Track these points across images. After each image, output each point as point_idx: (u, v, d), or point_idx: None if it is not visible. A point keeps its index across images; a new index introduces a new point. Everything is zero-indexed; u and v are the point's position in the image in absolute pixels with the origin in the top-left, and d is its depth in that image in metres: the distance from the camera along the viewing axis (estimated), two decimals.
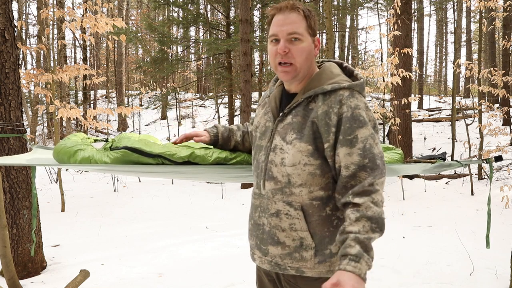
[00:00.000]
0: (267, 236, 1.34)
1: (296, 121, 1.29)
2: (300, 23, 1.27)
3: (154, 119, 18.45)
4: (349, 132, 1.21)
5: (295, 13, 1.27)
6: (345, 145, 1.21)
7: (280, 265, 1.33)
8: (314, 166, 1.26)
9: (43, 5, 6.91)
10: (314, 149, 1.25)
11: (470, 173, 6.77)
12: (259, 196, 1.38)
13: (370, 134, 1.22)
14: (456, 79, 9.64)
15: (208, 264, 3.74)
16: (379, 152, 1.23)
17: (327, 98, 1.26)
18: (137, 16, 25.75)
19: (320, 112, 1.25)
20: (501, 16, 7.02)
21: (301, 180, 1.27)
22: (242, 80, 7.82)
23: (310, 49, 1.30)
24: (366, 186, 1.19)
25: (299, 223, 1.28)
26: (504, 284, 3.22)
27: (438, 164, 1.93)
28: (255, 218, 1.39)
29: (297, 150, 1.26)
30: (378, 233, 1.17)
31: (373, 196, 1.18)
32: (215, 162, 1.64)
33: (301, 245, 1.29)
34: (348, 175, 1.21)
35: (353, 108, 1.23)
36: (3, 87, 3.20)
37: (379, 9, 17.02)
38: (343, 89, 1.27)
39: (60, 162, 1.77)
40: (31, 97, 13.15)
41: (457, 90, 14.16)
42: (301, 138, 1.26)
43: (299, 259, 1.29)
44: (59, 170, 6.10)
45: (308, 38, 1.29)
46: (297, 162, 1.26)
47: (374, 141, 1.23)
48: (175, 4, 11.64)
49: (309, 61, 1.31)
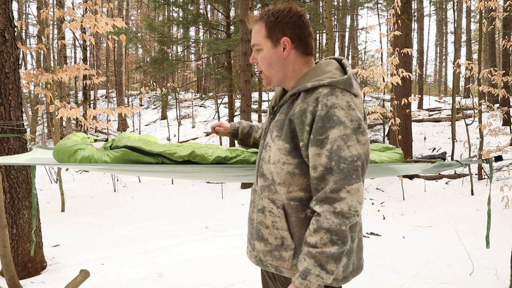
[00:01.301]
0: (254, 231, 1.37)
1: (279, 119, 1.29)
2: (258, 33, 1.31)
3: (154, 119, 18.46)
4: (320, 131, 1.16)
5: (257, 24, 1.32)
6: (315, 145, 1.17)
7: (262, 261, 1.35)
8: (293, 165, 1.24)
9: (43, 5, 6.91)
10: (292, 148, 1.23)
11: (470, 173, 6.77)
12: (254, 192, 1.42)
13: (341, 135, 1.15)
14: (456, 79, 9.64)
15: (208, 264, 3.74)
16: (349, 155, 1.14)
17: (308, 96, 1.23)
18: (137, 16, 25.76)
19: (297, 110, 1.22)
20: (501, 16, 7.02)
21: (280, 179, 1.27)
22: (242, 80, 7.82)
23: (270, 55, 1.31)
24: (328, 192, 1.14)
25: (280, 222, 1.28)
26: (504, 284, 3.22)
27: (438, 164, 1.93)
28: (250, 213, 1.44)
29: (276, 148, 1.26)
30: (339, 246, 1.13)
31: (335, 205, 1.13)
32: (215, 161, 1.64)
33: (282, 244, 1.29)
34: (316, 176, 1.18)
35: (328, 106, 1.16)
36: (3, 87, 3.20)
37: (379, 9, 17.02)
38: (323, 87, 1.21)
39: (60, 162, 1.77)
40: (31, 97, 13.15)
41: (457, 90, 14.15)
42: (280, 136, 1.26)
43: (278, 257, 1.30)
44: (59, 170, 6.10)
45: (267, 45, 1.31)
46: (277, 160, 1.26)
47: (345, 143, 1.15)
48: (175, 4, 11.64)
49: (275, 66, 1.32)
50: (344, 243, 1.13)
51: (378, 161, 1.87)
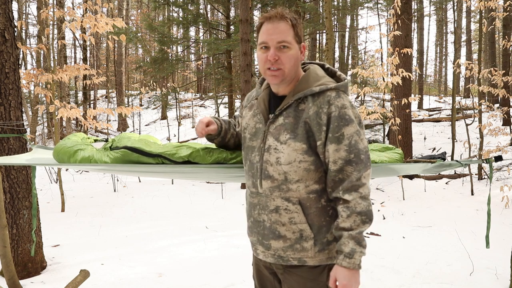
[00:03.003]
0: (268, 231, 1.42)
1: (288, 122, 1.37)
2: (288, 32, 1.36)
3: (154, 119, 18.46)
4: (336, 130, 1.31)
5: (284, 22, 1.35)
6: (333, 142, 1.32)
7: (283, 257, 1.41)
8: (309, 162, 1.35)
9: (43, 5, 6.91)
10: (308, 147, 1.34)
11: (470, 173, 6.77)
12: (257, 194, 1.45)
13: (355, 131, 1.33)
14: (456, 79, 9.64)
15: (208, 264, 3.74)
16: (364, 147, 1.34)
17: (316, 99, 1.35)
18: (137, 16, 25.75)
19: (311, 113, 1.34)
20: (501, 16, 7.01)
21: (298, 176, 1.36)
22: (242, 80, 7.82)
23: (297, 56, 1.39)
24: (354, 181, 1.31)
25: (298, 217, 1.37)
26: (504, 284, 3.22)
27: (438, 164, 1.93)
28: (255, 215, 1.47)
29: (292, 149, 1.35)
30: (368, 224, 1.32)
31: (360, 190, 1.31)
32: (215, 161, 1.64)
33: (301, 237, 1.38)
34: (336, 169, 1.33)
35: (340, 107, 1.32)
36: (3, 87, 3.20)
37: (379, 9, 17.02)
38: (330, 90, 1.36)
39: (60, 162, 1.77)
40: (31, 97, 13.15)
41: (457, 90, 14.15)
42: (295, 138, 1.35)
43: (300, 249, 1.38)
44: (59, 170, 6.10)
45: (295, 45, 1.38)
46: (293, 160, 1.35)
47: (359, 137, 1.34)
48: (175, 4, 11.64)
49: (296, 67, 1.40)
50: (371, 220, 1.32)
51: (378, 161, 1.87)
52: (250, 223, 1.51)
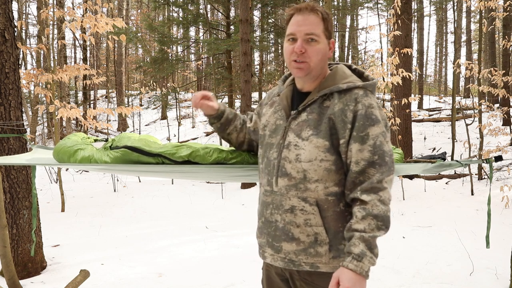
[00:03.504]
0: (280, 232, 1.34)
1: (312, 118, 1.32)
2: (317, 25, 1.31)
3: (154, 119, 18.47)
4: (362, 129, 1.26)
5: (314, 15, 1.32)
6: (357, 141, 1.26)
7: (294, 262, 1.33)
8: (330, 162, 1.29)
9: (43, 5, 6.91)
10: (330, 145, 1.29)
11: (470, 173, 6.77)
12: (271, 193, 1.38)
13: (381, 132, 1.27)
14: (456, 79, 9.64)
15: (208, 264, 3.74)
16: (389, 150, 1.27)
17: (343, 96, 1.31)
18: (137, 16, 25.75)
19: (337, 109, 1.29)
20: (501, 16, 7.01)
21: (317, 175, 1.29)
22: (242, 80, 7.82)
23: (325, 51, 1.34)
24: (375, 183, 1.23)
25: (314, 219, 1.30)
26: (504, 284, 3.22)
27: (438, 164, 1.93)
28: (267, 215, 1.39)
29: (314, 146, 1.29)
30: (383, 231, 1.21)
31: (380, 194, 1.22)
32: (215, 161, 1.64)
33: (316, 241, 1.30)
34: (357, 170, 1.26)
35: (367, 106, 1.28)
36: (3, 87, 3.20)
37: (379, 9, 17.02)
38: (358, 88, 1.32)
39: (60, 162, 1.77)
40: (31, 97, 13.15)
41: (457, 90, 14.16)
42: (317, 134, 1.29)
43: (314, 254, 1.31)
44: (59, 170, 6.10)
45: (324, 40, 1.33)
46: (314, 158, 1.29)
47: (384, 139, 1.27)
48: (175, 4, 11.64)
49: (323, 62, 1.35)
50: (387, 227, 1.22)
51: None
52: (260, 223, 1.43)
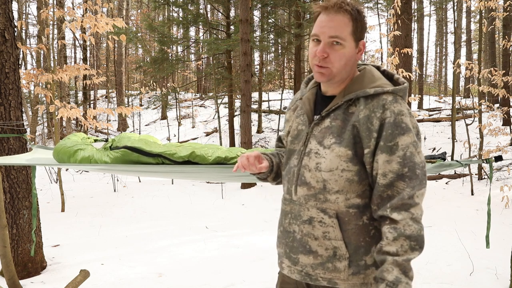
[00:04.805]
0: (298, 244, 1.28)
1: (335, 125, 1.23)
2: (344, 27, 1.19)
3: (154, 119, 18.46)
4: (390, 138, 1.15)
5: (341, 14, 1.19)
6: (385, 152, 1.15)
7: (311, 276, 1.26)
8: (352, 173, 1.20)
9: (43, 5, 6.91)
10: (353, 154, 1.19)
11: (470, 173, 6.77)
12: (290, 202, 1.31)
13: (412, 141, 1.16)
14: (456, 79, 9.64)
15: (208, 264, 3.74)
16: (420, 161, 1.17)
17: (369, 102, 1.20)
18: (137, 16, 25.75)
19: (362, 116, 1.19)
20: (501, 16, 7.02)
21: (338, 186, 1.21)
22: (242, 80, 7.82)
23: (351, 55, 1.22)
24: (406, 199, 1.13)
25: (333, 232, 1.22)
26: (504, 284, 3.22)
27: (438, 164, 1.93)
28: (285, 225, 1.33)
29: (335, 155, 1.20)
30: (418, 251, 1.12)
31: (412, 211, 1.12)
32: (215, 161, 1.64)
33: (335, 255, 1.22)
34: (385, 183, 1.16)
35: (396, 113, 1.16)
36: (3, 87, 3.20)
37: (379, 9, 17.01)
38: (387, 94, 1.20)
39: (60, 162, 1.77)
40: (31, 97, 13.15)
41: (457, 90, 14.16)
42: (340, 143, 1.20)
43: (332, 269, 1.23)
44: (59, 170, 6.10)
45: (350, 43, 1.21)
46: (335, 167, 1.20)
47: (416, 149, 1.16)
48: (175, 4, 11.64)
49: (348, 66, 1.24)
50: (421, 248, 1.12)
51: None
52: (279, 232, 1.36)
